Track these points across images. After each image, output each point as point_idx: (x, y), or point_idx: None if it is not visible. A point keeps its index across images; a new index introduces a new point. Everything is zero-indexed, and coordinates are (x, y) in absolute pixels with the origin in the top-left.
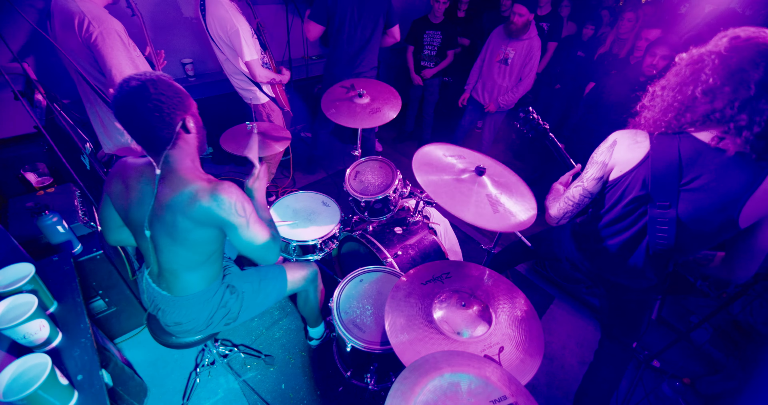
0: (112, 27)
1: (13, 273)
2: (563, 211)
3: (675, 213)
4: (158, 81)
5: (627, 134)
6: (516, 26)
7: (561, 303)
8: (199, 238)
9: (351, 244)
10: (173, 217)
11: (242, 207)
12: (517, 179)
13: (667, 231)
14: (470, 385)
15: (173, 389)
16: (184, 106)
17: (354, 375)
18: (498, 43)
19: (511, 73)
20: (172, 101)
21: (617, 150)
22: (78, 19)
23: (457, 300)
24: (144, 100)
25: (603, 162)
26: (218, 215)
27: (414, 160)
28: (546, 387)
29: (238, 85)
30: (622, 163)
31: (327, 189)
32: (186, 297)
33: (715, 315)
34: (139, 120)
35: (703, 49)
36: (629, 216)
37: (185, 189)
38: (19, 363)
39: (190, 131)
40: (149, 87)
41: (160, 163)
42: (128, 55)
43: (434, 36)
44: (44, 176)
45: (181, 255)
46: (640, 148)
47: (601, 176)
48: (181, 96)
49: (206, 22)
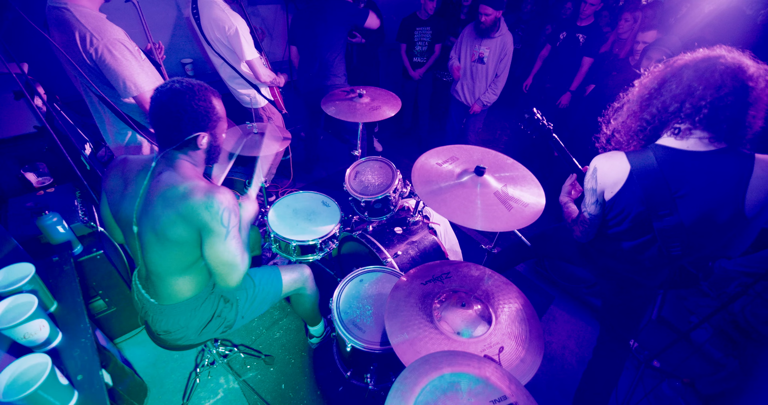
0: (115, 37)
1: (13, 273)
2: (586, 233)
3: (679, 219)
4: (200, 92)
5: (603, 158)
6: (485, 25)
7: (561, 303)
8: (177, 236)
9: (351, 244)
10: (161, 210)
11: (228, 217)
12: (512, 162)
13: (678, 237)
14: (470, 385)
15: (173, 389)
16: (207, 125)
17: (354, 375)
18: (471, 44)
19: (488, 71)
20: (196, 114)
21: (600, 175)
22: (79, 34)
23: (457, 300)
24: (172, 101)
25: (592, 188)
26: (202, 216)
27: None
28: (546, 387)
29: (236, 89)
30: (610, 185)
31: (327, 189)
32: (172, 306)
33: (715, 315)
34: (159, 114)
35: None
36: (637, 229)
37: (182, 184)
38: (19, 363)
39: (199, 147)
40: (186, 93)
41: (157, 158)
42: (138, 63)
43: (424, 32)
44: (44, 176)
45: (164, 256)
46: (620, 167)
47: (596, 200)
48: (211, 115)
49: (201, 25)
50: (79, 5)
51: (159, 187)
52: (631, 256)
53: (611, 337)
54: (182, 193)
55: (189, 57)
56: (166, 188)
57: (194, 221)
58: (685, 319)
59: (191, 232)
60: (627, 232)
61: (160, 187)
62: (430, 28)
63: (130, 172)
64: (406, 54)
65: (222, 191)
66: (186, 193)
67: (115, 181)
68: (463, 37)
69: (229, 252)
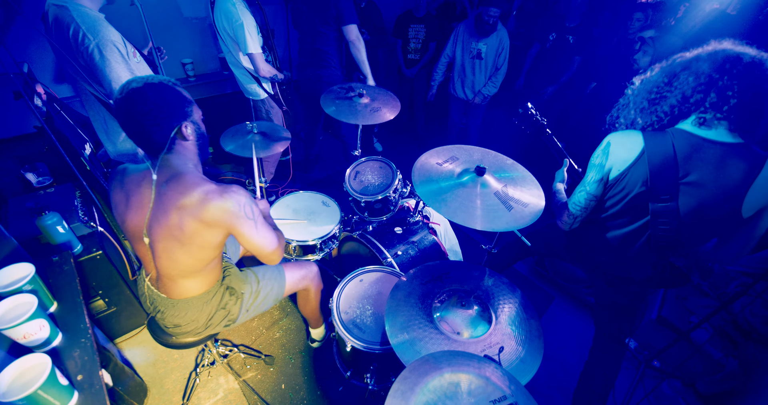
0: (108, 38)
1: (13, 273)
2: (574, 217)
3: (676, 206)
4: (159, 85)
5: (620, 135)
6: (488, 25)
7: (561, 303)
8: (205, 242)
9: (351, 244)
10: (181, 220)
11: (251, 209)
12: (512, 162)
13: (669, 224)
14: (470, 385)
15: (173, 389)
16: (184, 113)
17: (354, 375)
18: (467, 41)
19: (487, 65)
20: (169, 106)
21: (612, 151)
22: (73, 31)
23: (457, 300)
24: (140, 104)
25: (600, 164)
26: (228, 219)
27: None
28: (546, 387)
29: (240, 79)
30: (619, 162)
31: (327, 189)
32: (185, 300)
33: (715, 315)
34: (133, 123)
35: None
36: (631, 212)
37: (195, 191)
38: (19, 363)
39: (187, 138)
40: (148, 91)
41: (156, 168)
42: (127, 66)
43: (419, 29)
44: (44, 176)
45: (181, 261)
46: (634, 146)
47: (601, 178)
48: (183, 102)
49: (214, 15)
50: (79, 4)
51: (171, 198)
52: (618, 249)
53: (605, 336)
54: (199, 200)
55: (189, 57)
56: (182, 199)
57: (221, 224)
58: (685, 319)
59: (219, 233)
60: (620, 215)
61: (172, 199)
62: (425, 26)
63: (130, 182)
64: (401, 51)
65: (234, 189)
66: (202, 199)
67: (118, 194)
68: (458, 34)
69: (264, 238)
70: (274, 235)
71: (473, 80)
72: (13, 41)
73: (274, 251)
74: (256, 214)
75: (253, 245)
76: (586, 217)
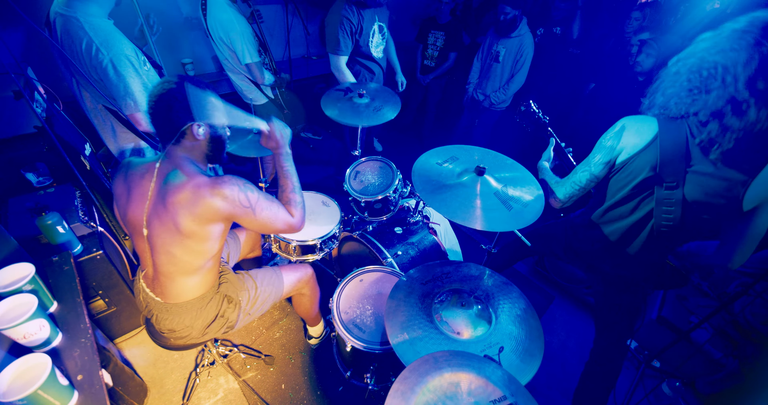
0: (123, 52)
1: (13, 273)
2: (569, 196)
3: (681, 193)
4: (190, 85)
5: (635, 119)
6: (504, 24)
7: (561, 303)
8: (206, 233)
9: (351, 244)
10: (177, 215)
11: (245, 197)
12: (512, 162)
13: (674, 212)
14: (470, 385)
15: (173, 389)
16: (201, 114)
17: (354, 375)
18: (490, 42)
19: (503, 70)
20: (187, 103)
21: (626, 134)
22: (86, 45)
23: (457, 300)
24: (165, 91)
25: (610, 146)
26: (223, 209)
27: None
28: (546, 387)
29: (238, 84)
30: (630, 146)
31: (327, 189)
32: (179, 304)
33: (715, 315)
34: (155, 108)
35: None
36: (634, 199)
37: (186, 186)
38: (19, 363)
39: (197, 138)
40: (178, 83)
41: (160, 157)
42: (140, 80)
43: (438, 36)
44: (44, 176)
45: (179, 256)
46: (647, 131)
47: (608, 160)
48: (203, 103)
49: (207, 22)
50: (88, 14)
51: (169, 191)
52: (618, 246)
53: (604, 337)
54: (190, 197)
55: (189, 57)
56: (176, 195)
57: (217, 217)
58: (685, 319)
59: (217, 225)
60: (625, 201)
61: (170, 191)
62: (444, 34)
63: (133, 174)
64: (420, 55)
65: (225, 180)
66: (193, 195)
67: (120, 187)
68: (487, 36)
69: (268, 219)
70: (281, 210)
71: (486, 83)
72: (14, 41)
73: (286, 225)
74: (254, 200)
75: (259, 229)
76: (586, 219)
